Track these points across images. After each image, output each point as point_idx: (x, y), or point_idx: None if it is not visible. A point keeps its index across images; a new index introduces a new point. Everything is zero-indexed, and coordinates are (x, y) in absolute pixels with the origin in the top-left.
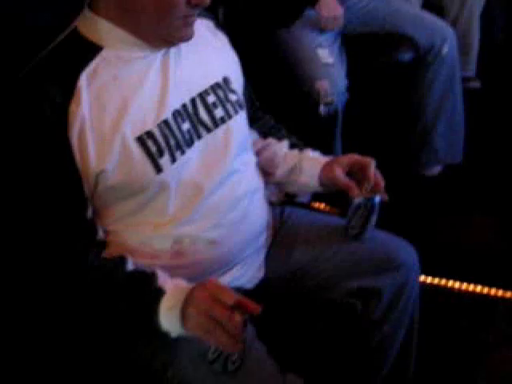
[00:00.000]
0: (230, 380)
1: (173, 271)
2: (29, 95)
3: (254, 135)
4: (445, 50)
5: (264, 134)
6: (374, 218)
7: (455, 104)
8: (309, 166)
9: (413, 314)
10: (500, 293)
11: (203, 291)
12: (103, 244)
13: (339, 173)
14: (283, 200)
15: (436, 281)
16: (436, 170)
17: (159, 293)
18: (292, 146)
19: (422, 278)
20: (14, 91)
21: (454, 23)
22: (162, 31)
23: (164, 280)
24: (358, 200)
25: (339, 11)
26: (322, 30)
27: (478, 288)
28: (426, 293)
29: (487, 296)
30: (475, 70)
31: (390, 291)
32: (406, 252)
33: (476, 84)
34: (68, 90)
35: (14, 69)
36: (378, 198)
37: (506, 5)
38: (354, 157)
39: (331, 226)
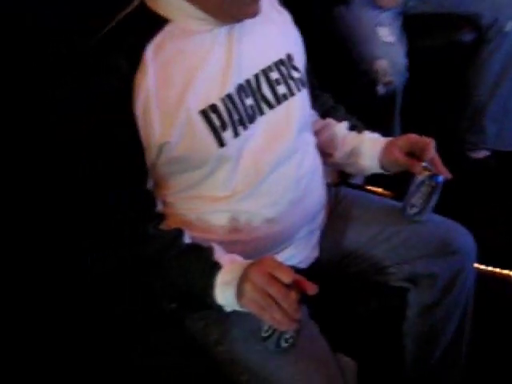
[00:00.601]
0: (282, 357)
1: (228, 247)
2: (96, 65)
3: (314, 115)
4: (508, 26)
5: (323, 114)
6: (435, 198)
7: (511, 87)
8: (368, 149)
9: (467, 301)
10: None
11: (260, 267)
12: (162, 216)
13: (399, 154)
14: (338, 181)
15: (492, 269)
16: (482, 153)
17: (216, 267)
18: (351, 128)
19: (481, 266)
20: (83, 60)
21: None
22: (231, 6)
23: (220, 255)
24: (421, 177)
25: None
26: (381, 8)
27: None
28: (481, 281)
29: None
30: None
31: (445, 277)
32: (463, 237)
33: None
34: (134, 62)
35: (85, 37)
36: (441, 178)
37: None
38: (413, 137)
39: (386, 207)
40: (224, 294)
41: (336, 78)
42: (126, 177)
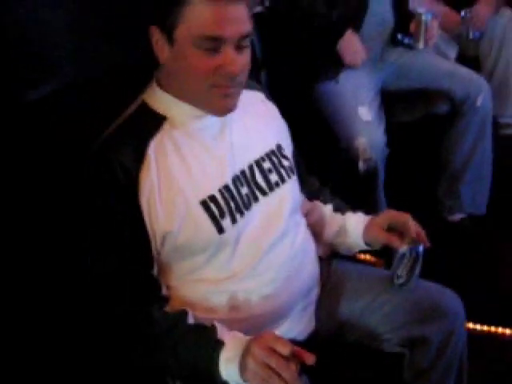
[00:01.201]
0: None
1: (229, 325)
2: (105, 162)
3: (302, 198)
4: (479, 101)
5: (310, 197)
6: (418, 267)
7: (484, 154)
8: (353, 228)
9: (461, 362)
10: None
11: (260, 342)
12: (166, 299)
13: (379, 231)
14: (330, 254)
15: (483, 328)
16: (458, 216)
17: (219, 344)
18: (336, 209)
19: (470, 325)
20: (92, 158)
21: (491, 72)
22: (203, 100)
23: (222, 332)
24: (402, 250)
25: (357, 43)
26: (361, 86)
27: None
28: (474, 340)
29: None
30: None
31: (438, 339)
32: (451, 300)
33: None
34: (139, 159)
35: (92, 135)
36: (421, 247)
37: None
38: (392, 214)
39: (377, 277)
40: (228, 371)
41: (319, 155)
42: (135, 264)
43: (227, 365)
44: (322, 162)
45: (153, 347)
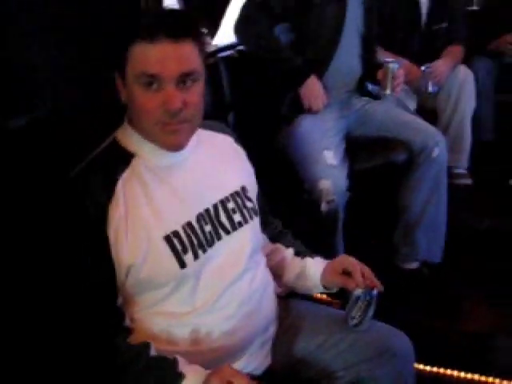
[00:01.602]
0: None
1: (189, 358)
2: (76, 194)
3: (264, 240)
4: (435, 152)
5: (272, 238)
6: (372, 310)
7: (440, 204)
8: (312, 272)
9: None
10: (497, 381)
11: (220, 375)
12: (130, 330)
13: (335, 276)
14: (288, 293)
15: (433, 369)
16: (414, 264)
17: (180, 377)
18: (297, 254)
19: (420, 366)
20: (65, 189)
21: (447, 125)
22: (155, 136)
23: (183, 365)
24: (357, 293)
25: (318, 88)
26: (328, 131)
27: (476, 376)
28: (424, 382)
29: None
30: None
31: (388, 379)
32: (401, 341)
33: (467, 180)
34: (108, 193)
35: (65, 168)
36: (375, 292)
37: (493, 108)
38: (344, 259)
39: (333, 317)
40: None
41: (283, 197)
42: (99, 293)
43: None
44: (286, 205)
45: (115, 378)
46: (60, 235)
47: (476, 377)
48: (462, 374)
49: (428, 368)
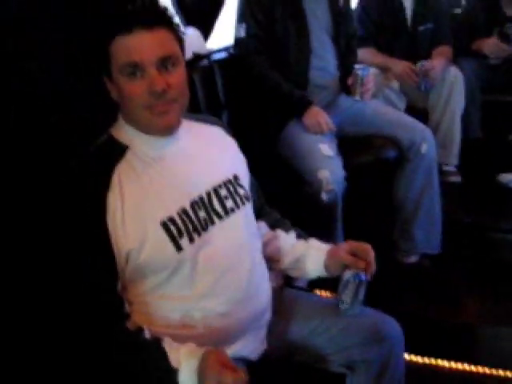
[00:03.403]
0: None
1: (187, 340)
2: (76, 186)
3: (264, 228)
4: (424, 148)
5: (272, 226)
6: (362, 293)
7: (433, 198)
8: (315, 254)
9: (400, 382)
10: (487, 371)
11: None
12: (127, 315)
13: (344, 254)
14: (282, 284)
15: (423, 359)
16: (414, 258)
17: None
18: (299, 236)
19: (410, 356)
20: (66, 180)
21: (437, 123)
22: (146, 123)
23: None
24: (346, 276)
25: (321, 116)
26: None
27: (466, 366)
28: (414, 372)
29: (474, 374)
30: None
31: (378, 362)
32: (390, 326)
33: (457, 178)
34: (106, 183)
35: (63, 161)
36: (364, 276)
37: (481, 107)
38: (353, 243)
39: (324, 303)
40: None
41: (282, 190)
42: (100, 278)
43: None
44: (283, 200)
45: (110, 360)
46: (61, 225)
47: (467, 367)
48: (453, 365)
49: (420, 359)
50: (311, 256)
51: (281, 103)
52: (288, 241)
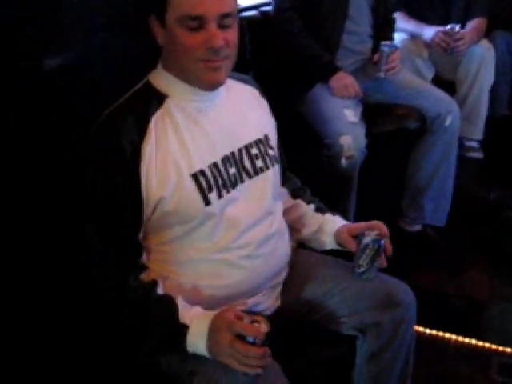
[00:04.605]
0: None
1: (204, 291)
2: (113, 132)
3: (285, 194)
4: (448, 120)
5: (293, 195)
6: (379, 259)
7: (449, 171)
8: (329, 228)
9: (409, 349)
10: (493, 347)
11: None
12: (143, 267)
13: (348, 238)
14: (300, 244)
15: (432, 332)
16: (418, 227)
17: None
18: (317, 209)
19: (420, 329)
20: (101, 126)
21: (465, 97)
22: (194, 75)
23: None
24: (366, 241)
25: (349, 80)
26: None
27: (473, 341)
28: (422, 343)
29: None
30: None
31: (389, 326)
32: (404, 292)
33: (479, 154)
34: (142, 131)
35: (96, 111)
36: (382, 241)
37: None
38: (363, 225)
39: (340, 265)
40: (195, 347)
41: (300, 155)
42: (125, 225)
43: (194, 343)
44: (303, 162)
45: (121, 311)
46: (97, 168)
47: (473, 342)
48: (460, 339)
49: (427, 330)
50: (326, 229)
51: (309, 64)
52: (308, 212)
